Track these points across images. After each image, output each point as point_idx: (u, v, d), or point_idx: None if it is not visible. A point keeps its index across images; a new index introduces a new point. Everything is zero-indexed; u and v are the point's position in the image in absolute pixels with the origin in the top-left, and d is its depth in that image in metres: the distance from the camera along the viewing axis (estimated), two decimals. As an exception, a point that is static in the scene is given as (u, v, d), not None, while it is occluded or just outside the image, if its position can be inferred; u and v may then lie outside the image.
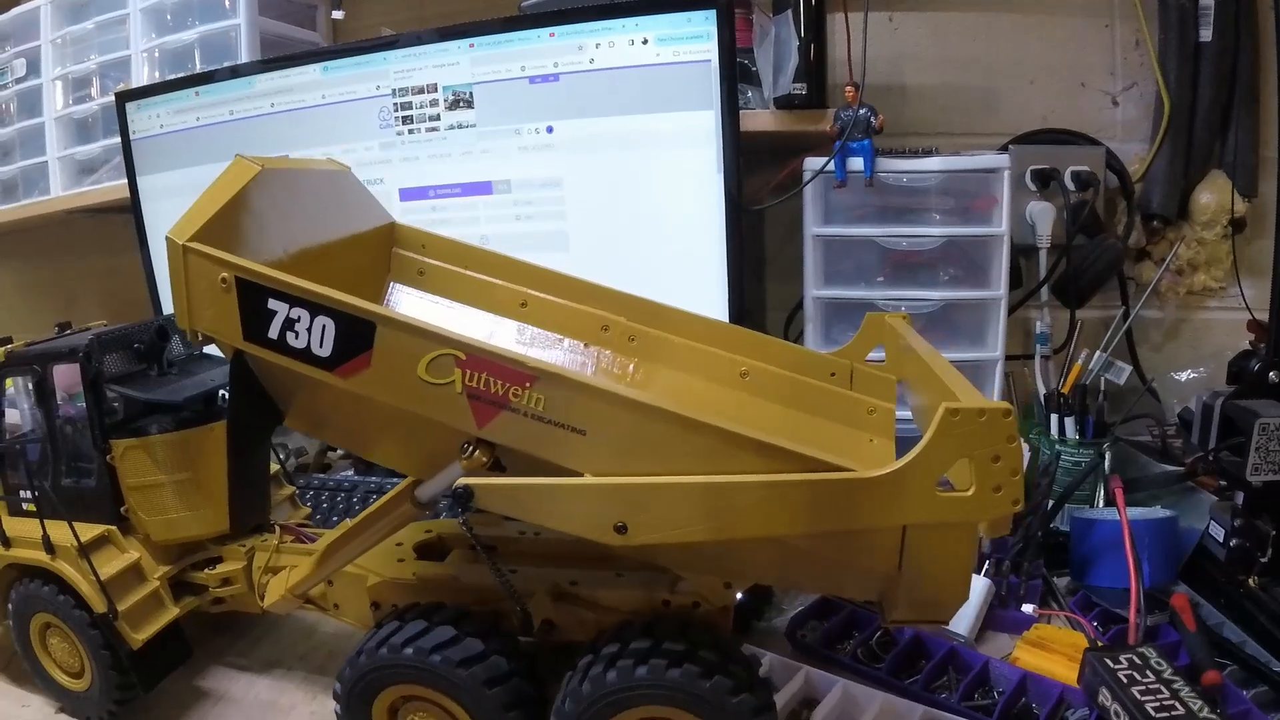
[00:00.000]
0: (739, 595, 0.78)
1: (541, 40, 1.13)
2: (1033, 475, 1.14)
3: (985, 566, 1.00)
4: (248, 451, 0.76)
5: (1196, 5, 1.25)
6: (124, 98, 1.36)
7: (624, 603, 0.74)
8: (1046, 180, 1.33)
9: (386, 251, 0.95)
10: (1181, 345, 1.39)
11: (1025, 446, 1.22)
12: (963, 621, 0.94)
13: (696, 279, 1.14)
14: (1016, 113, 1.39)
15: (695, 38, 1.06)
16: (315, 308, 0.62)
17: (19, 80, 1.57)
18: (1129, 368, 1.20)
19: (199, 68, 1.41)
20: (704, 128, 1.09)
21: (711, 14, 1.04)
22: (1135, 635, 0.84)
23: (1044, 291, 1.33)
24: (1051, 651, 0.86)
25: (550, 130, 1.16)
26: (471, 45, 1.17)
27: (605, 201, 1.17)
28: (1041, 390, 1.25)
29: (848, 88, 1.14)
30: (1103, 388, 1.20)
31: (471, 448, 0.63)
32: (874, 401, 0.85)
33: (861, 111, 1.14)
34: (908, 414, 0.79)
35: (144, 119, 1.36)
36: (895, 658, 0.88)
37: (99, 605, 0.84)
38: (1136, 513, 1.01)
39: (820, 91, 1.19)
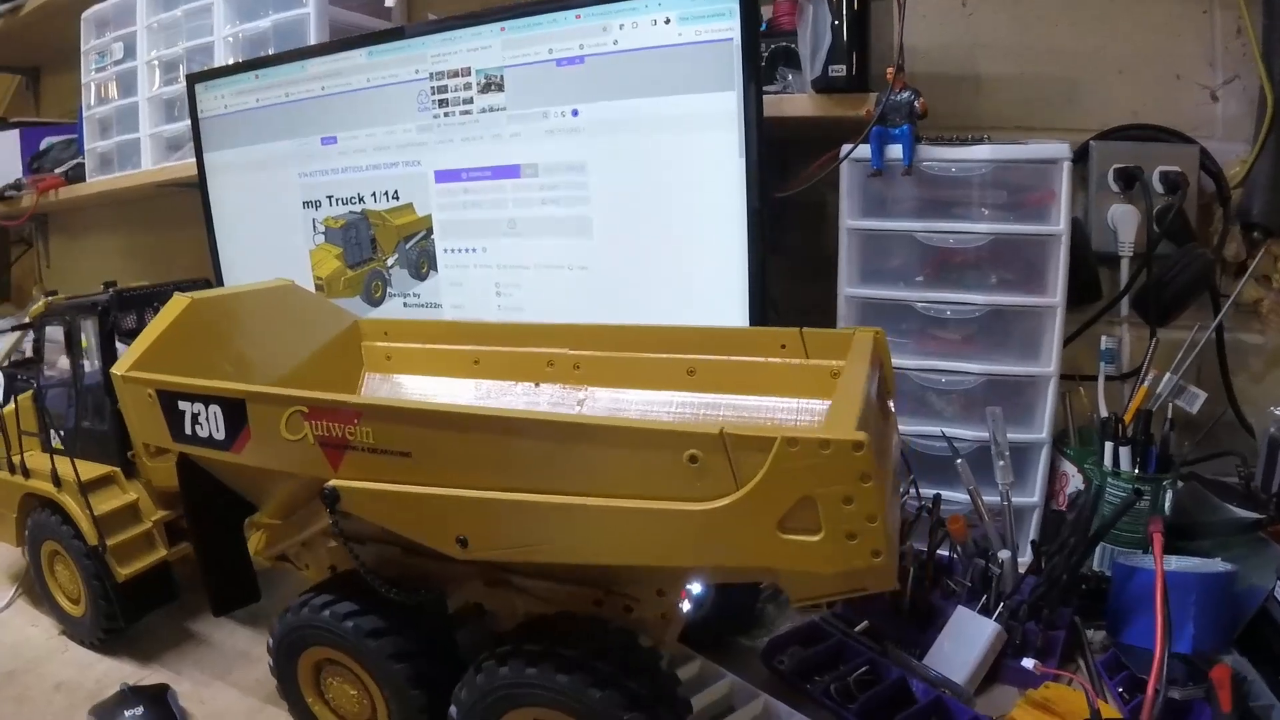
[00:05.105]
0: (686, 606, 0.73)
1: (568, 22, 1.11)
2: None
3: (999, 609, 0.89)
4: (218, 538, 0.84)
5: (1310, -14, 1.08)
6: (194, 80, 1.46)
7: (556, 596, 0.71)
8: (1131, 180, 1.19)
9: (357, 348, 1.04)
10: (1286, 376, 1.20)
11: (1079, 478, 1.09)
12: (961, 669, 0.84)
13: (720, 267, 1.08)
14: (1102, 106, 1.24)
15: (717, 15, 1.01)
16: (205, 399, 0.70)
17: (117, 62, 1.72)
18: (1203, 394, 1.05)
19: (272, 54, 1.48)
20: (727, 110, 1.03)
21: (734, -11, 0.99)
22: (1149, 711, 0.71)
23: (1123, 304, 1.19)
24: (1054, 717, 0.75)
25: (575, 113, 1.14)
26: (503, 28, 1.16)
27: (629, 187, 1.13)
28: (1102, 414, 1.11)
29: (889, 70, 1.06)
30: (1170, 415, 1.05)
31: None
32: (835, 363, 0.78)
33: (905, 95, 1.05)
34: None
35: (211, 100, 1.44)
36: (872, 699, 0.80)
37: (92, 537, 0.91)
38: (1189, 564, 0.87)
39: (863, 75, 1.10)
